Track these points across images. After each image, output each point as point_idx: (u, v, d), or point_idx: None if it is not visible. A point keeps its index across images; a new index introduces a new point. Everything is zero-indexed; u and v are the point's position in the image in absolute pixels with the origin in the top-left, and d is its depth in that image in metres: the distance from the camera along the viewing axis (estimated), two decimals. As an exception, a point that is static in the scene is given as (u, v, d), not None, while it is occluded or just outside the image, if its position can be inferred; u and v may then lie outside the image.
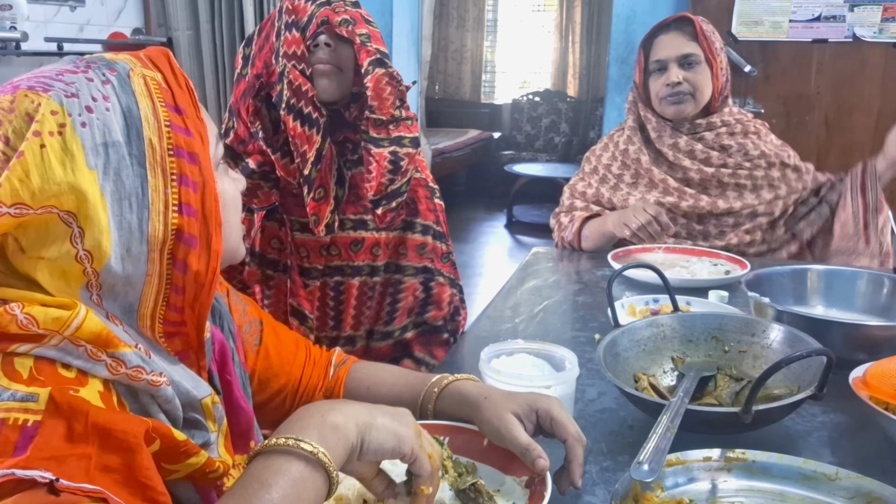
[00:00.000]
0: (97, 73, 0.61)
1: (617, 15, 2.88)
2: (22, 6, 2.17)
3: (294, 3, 1.20)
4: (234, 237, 0.71)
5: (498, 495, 0.78)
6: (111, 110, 0.59)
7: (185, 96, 0.64)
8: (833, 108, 2.65)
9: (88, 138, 0.58)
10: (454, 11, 7.28)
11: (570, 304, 1.45)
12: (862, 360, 0.94)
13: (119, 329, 0.60)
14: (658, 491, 0.75)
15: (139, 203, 0.59)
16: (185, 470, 0.62)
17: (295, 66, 1.17)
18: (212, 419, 0.66)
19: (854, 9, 2.57)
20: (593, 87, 6.95)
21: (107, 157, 0.58)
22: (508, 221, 6.21)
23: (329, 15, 1.18)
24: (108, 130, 0.58)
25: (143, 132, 0.60)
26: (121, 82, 0.61)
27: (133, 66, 0.63)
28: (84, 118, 0.58)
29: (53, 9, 2.45)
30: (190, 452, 0.61)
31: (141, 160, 0.59)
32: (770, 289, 1.27)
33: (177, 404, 0.62)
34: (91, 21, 2.61)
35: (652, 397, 0.91)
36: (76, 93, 0.59)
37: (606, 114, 3.02)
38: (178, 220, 0.60)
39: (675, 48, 1.70)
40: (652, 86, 1.74)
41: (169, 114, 0.62)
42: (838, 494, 0.75)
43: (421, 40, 3.31)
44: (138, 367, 0.59)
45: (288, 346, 0.96)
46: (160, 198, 0.60)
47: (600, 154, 1.89)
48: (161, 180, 0.60)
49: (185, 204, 0.61)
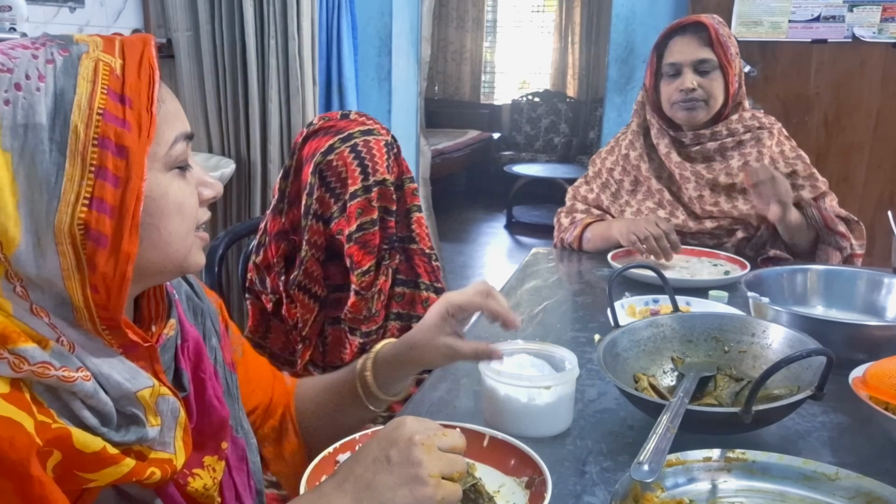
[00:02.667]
0: (46, 52, 0.58)
1: (616, 15, 2.88)
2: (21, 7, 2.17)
3: (325, 199, 1.32)
4: (176, 247, 0.65)
5: (498, 496, 0.78)
6: (41, 90, 0.56)
7: (139, 87, 0.60)
8: (832, 109, 2.65)
9: (9, 117, 0.55)
10: (454, 12, 7.28)
11: (569, 305, 1.45)
12: (862, 360, 0.94)
13: (40, 322, 0.58)
14: (658, 491, 0.75)
15: (50, 191, 0.56)
16: (104, 479, 0.59)
17: (314, 254, 1.35)
18: (152, 413, 0.63)
19: (853, 9, 2.57)
20: (593, 87, 6.95)
21: (25, 139, 0.56)
22: (508, 222, 6.21)
23: (343, 227, 1.31)
24: (33, 112, 0.56)
25: (70, 118, 0.57)
26: (66, 64, 0.58)
27: (93, 49, 0.60)
28: (10, 95, 0.56)
29: (53, 10, 2.45)
30: (107, 462, 0.58)
31: (62, 147, 0.56)
32: (770, 289, 1.27)
33: (102, 398, 0.59)
34: (90, 22, 2.61)
35: (652, 397, 0.91)
36: (11, 68, 0.57)
37: (606, 114, 3.02)
38: (86, 215, 0.57)
39: (691, 53, 1.66)
40: (664, 89, 1.71)
41: (108, 102, 0.58)
42: (838, 494, 0.75)
43: (420, 41, 3.31)
44: (44, 363, 0.56)
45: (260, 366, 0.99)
46: (73, 188, 0.56)
47: (605, 157, 1.88)
48: (79, 170, 0.57)
49: (97, 198, 0.57)
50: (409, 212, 1.40)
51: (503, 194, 6.47)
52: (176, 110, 0.66)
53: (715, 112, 1.69)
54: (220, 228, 2.99)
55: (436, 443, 0.67)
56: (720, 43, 1.65)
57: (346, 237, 1.31)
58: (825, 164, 1.84)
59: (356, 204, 1.29)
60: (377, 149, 1.31)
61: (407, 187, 1.39)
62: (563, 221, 1.86)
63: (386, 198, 1.32)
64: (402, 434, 0.67)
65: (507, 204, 6.23)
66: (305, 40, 2.78)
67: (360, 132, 1.32)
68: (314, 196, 1.31)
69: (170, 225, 0.64)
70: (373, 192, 1.30)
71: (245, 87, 2.85)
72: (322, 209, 1.32)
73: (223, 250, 1.51)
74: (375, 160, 1.30)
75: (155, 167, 0.62)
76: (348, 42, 2.91)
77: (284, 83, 2.82)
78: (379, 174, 1.30)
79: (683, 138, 1.73)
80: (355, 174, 1.29)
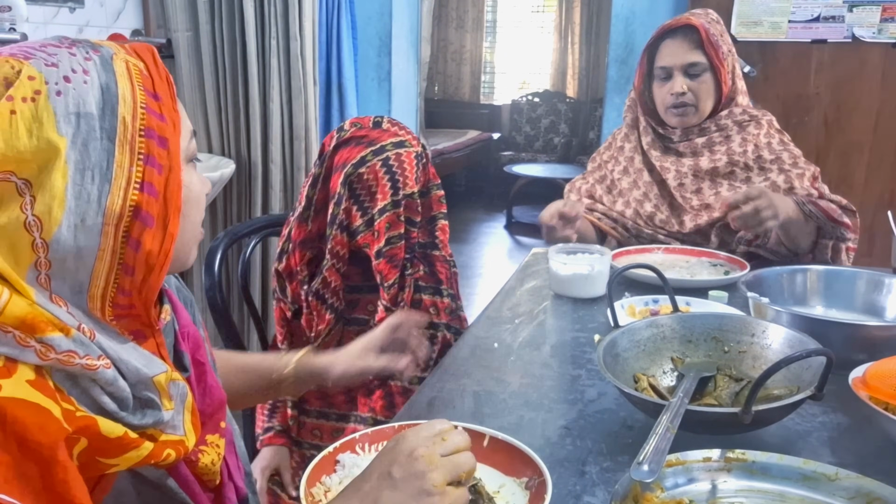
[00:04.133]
0: (81, 51, 0.62)
1: (616, 16, 2.88)
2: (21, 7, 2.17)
3: (352, 210, 1.32)
4: (189, 235, 0.70)
5: (498, 496, 0.78)
6: (89, 83, 0.60)
7: (164, 86, 0.65)
8: (832, 109, 2.65)
9: (62, 106, 0.58)
10: (453, 12, 7.28)
11: (569, 305, 1.45)
12: (861, 360, 0.94)
13: (61, 311, 0.59)
14: (658, 491, 0.75)
15: (102, 176, 0.59)
16: (125, 463, 0.61)
17: (335, 264, 1.34)
18: (167, 397, 0.65)
19: (853, 9, 2.57)
20: (592, 87, 6.96)
21: (77, 126, 0.59)
22: (508, 222, 6.21)
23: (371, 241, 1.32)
24: (83, 101, 0.59)
25: (117, 109, 0.60)
26: (103, 62, 0.62)
27: (117, 51, 0.64)
28: (61, 87, 0.59)
29: (53, 10, 2.45)
30: (128, 447, 0.61)
31: (111, 135, 0.60)
32: (769, 289, 1.27)
33: (121, 385, 0.61)
34: (90, 22, 2.61)
35: (652, 398, 0.91)
36: (56, 63, 0.60)
37: (606, 114, 3.02)
38: (138, 197, 0.61)
39: (681, 56, 1.66)
40: (657, 92, 1.72)
41: (146, 98, 0.63)
42: (838, 495, 0.75)
43: (420, 41, 3.31)
44: (69, 352, 0.58)
45: None
46: (124, 174, 0.60)
47: (603, 152, 1.91)
48: (128, 157, 0.60)
49: (147, 182, 0.61)
50: (434, 219, 1.40)
51: (503, 194, 6.47)
52: (183, 110, 0.70)
53: (707, 113, 1.71)
54: (220, 229, 2.99)
55: (437, 451, 0.68)
56: (711, 43, 1.65)
57: (374, 252, 1.31)
58: (825, 165, 1.84)
59: (385, 219, 1.29)
60: (408, 162, 1.30)
61: (434, 194, 1.39)
62: None
63: (411, 209, 1.32)
64: (402, 449, 0.69)
65: (507, 204, 6.23)
66: (306, 41, 2.78)
67: (392, 144, 1.30)
68: (342, 206, 1.30)
69: (191, 213, 0.69)
70: (401, 207, 1.30)
71: (245, 88, 2.85)
72: (349, 221, 1.32)
73: (223, 250, 1.51)
74: (406, 174, 1.30)
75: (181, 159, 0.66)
76: (348, 42, 2.91)
77: (286, 83, 2.82)
78: (408, 188, 1.30)
79: (672, 135, 1.74)
80: (385, 188, 1.28)
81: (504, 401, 1.04)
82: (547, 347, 1.23)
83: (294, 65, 2.77)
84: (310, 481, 0.78)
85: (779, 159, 1.69)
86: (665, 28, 1.71)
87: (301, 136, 2.84)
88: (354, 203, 1.30)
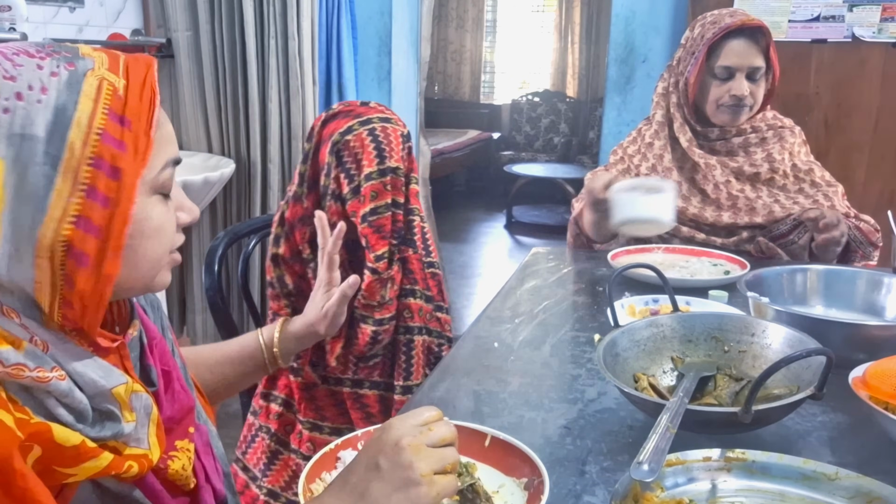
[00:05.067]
0: (52, 63, 0.58)
1: (616, 15, 2.88)
2: (21, 7, 2.17)
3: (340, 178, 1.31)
4: (148, 268, 0.66)
5: (497, 496, 0.78)
6: (42, 103, 0.56)
7: (139, 110, 0.61)
8: (832, 109, 2.64)
9: (6, 125, 0.55)
10: (453, 12, 7.28)
11: (569, 305, 1.45)
12: (861, 359, 0.94)
13: (12, 323, 0.58)
14: (658, 491, 0.75)
15: (37, 205, 0.56)
16: (83, 473, 0.60)
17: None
18: (127, 409, 0.64)
19: (853, 9, 2.57)
20: (592, 87, 6.96)
21: (19, 148, 0.56)
22: (508, 222, 6.21)
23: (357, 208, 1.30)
24: (31, 123, 0.56)
25: (67, 133, 0.57)
26: (70, 78, 0.58)
27: (99, 65, 0.60)
28: (10, 104, 0.56)
29: (52, 10, 2.45)
30: (86, 456, 0.59)
31: (55, 161, 0.56)
32: (769, 289, 1.27)
33: (77, 397, 0.59)
34: (90, 22, 2.61)
35: (651, 397, 0.91)
36: (14, 76, 0.57)
37: (606, 114, 3.02)
38: (71, 233, 0.57)
39: (748, 59, 1.65)
40: (714, 90, 1.69)
41: (108, 122, 0.58)
42: (838, 494, 0.75)
43: (420, 41, 3.31)
44: (18, 365, 0.56)
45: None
46: (61, 204, 0.56)
47: (627, 146, 1.88)
48: (69, 186, 0.57)
49: (84, 217, 0.57)
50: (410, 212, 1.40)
51: (503, 194, 6.47)
52: (169, 135, 0.66)
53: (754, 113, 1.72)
54: (220, 228, 2.99)
55: (423, 441, 0.68)
56: (774, 48, 1.66)
57: (360, 217, 1.30)
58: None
59: (370, 186, 1.29)
60: (394, 136, 1.31)
61: (412, 188, 1.39)
62: (576, 206, 1.84)
63: (396, 188, 1.32)
64: (388, 439, 0.68)
65: (507, 204, 6.23)
66: (305, 40, 2.78)
67: (378, 118, 1.32)
68: (331, 176, 1.31)
69: (147, 247, 0.64)
70: (387, 178, 1.30)
71: (245, 87, 2.85)
72: (339, 189, 1.32)
73: (223, 250, 1.51)
74: (392, 147, 1.30)
75: (142, 190, 0.62)
76: (348, 42, 2.91)
77: (285, 83, 2.82)
78: (394, 161, 1.30)
79: (710, 133, 1.74)
80: (371, 156, 1.29)
81: (504, 400, 1.04)
82: (547, 347, 1.23)
83: (293, 64, 2.77)
84: (309, 477, 0.78)
85: (811, 171, 1.74)
86: (731, 27, 1.65)
87: (300, 136, 2.84)
88: (342, 171, 1.31)
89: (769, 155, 1.72)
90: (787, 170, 1.73)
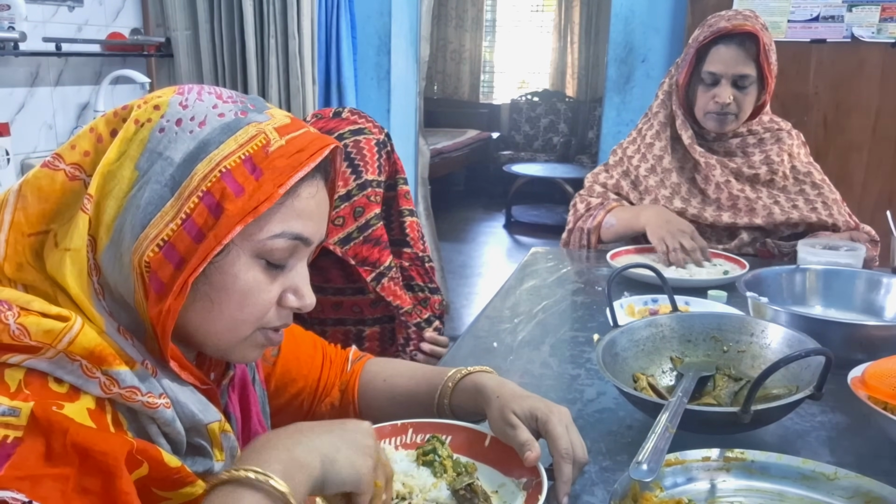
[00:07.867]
0: (229, 107, 0.62)
1: (615, 15, 2.88)
2: (20, 6, 2.16)
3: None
4: (224, 328, 0.63)
5: (496, 496, 0.78)
6: (194, 134, 0.59)
7: (280, 167, 0.60)
8: (831, 109, 2.64)
9: (154, 142, 0.59)
10: (453, 11, 7.28)
11: (568, 304, 1.45)
12: (860, 359, 0.94)
13: (128, 343, 0.58)
14: (657, 491, 0.75)
15: (143, 220, 0.58)
16: (178, 499, 0.59)
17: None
18: (218, 447, 0.64)
19: (852, 9, 2.57)
20: (592, 87, 6.96)
21: (153, 165, 0.58)
22: (507, 221, 6.21)
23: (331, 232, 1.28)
24: (174, 147, 0.59)
25: (197, 164, 0.59)
26: (233, 123, 0.61)
27: (269, 122, 0.62)
28: (168, 126, 0.59)
29: (52, 9, 2.45)
30: (184, 481, 0.58)
31: (175, 185, 0.58)
32: (768, 289, 1.27)
33: (178, 427, 0.60)
34: (89, 21, 2.60)
35: (651, 397, 0.91)
36: (188, 105, 0.60)
37: (605, 114, 3.02)
38: (152, 257, 0.58)
39: (734, 66, 1.61)
40: (700, 97, 1.68)
41: (238, 165, 0.59)
42: (837, 494, 0.75)
43: (419, 40, 3.31)
44: (132, 388, 0.57)
45: (306, 350, 0.97)
46: (160, 226, 0.58)
47: (627, 147, 1.87)
48: (174, 211, 0.58)
49: (171, 244, 0.58)
50: (401, 214, 1.40)
51: (502, 194, 6.47)
52: (307, 212, 0.64)
53: (743, 121, 1.71)
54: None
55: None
56: (766, 56, 1.60)
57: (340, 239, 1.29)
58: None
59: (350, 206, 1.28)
60: (368, 148, 1.30)
61: (400, 188, 1.38)
62: (580, 208, 1.83)
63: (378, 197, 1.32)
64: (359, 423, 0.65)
65: (506, 203, 6.23)
66: (305, 39, 2.78)
67: (350, 132, 1.31)
68: None
69: (225, 304, 0.62)
70: (369, 189, 1.30)
71: (245, 87, 2.85)
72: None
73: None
74: (366, 160, 1.29)
75: (244, 246, 0.62)
76: (347, 41, 2.91)
77: (285, 82, 2.82)
78: (370, 174, 1.29)
79: (707, 135, 1.75)
80: (346, 175, 1.29)
81: (503, 400, 1.04)
82: (546, 347, 1.23)
83: (293, 63, 2.77)
84: None
85: (810, 174, 1.75)
86: (721, 31, 1.61)
87: (300, 136, 2.84)
88: None
89: (767, 157, 1.71)
90: (786, 171, 1.73)
